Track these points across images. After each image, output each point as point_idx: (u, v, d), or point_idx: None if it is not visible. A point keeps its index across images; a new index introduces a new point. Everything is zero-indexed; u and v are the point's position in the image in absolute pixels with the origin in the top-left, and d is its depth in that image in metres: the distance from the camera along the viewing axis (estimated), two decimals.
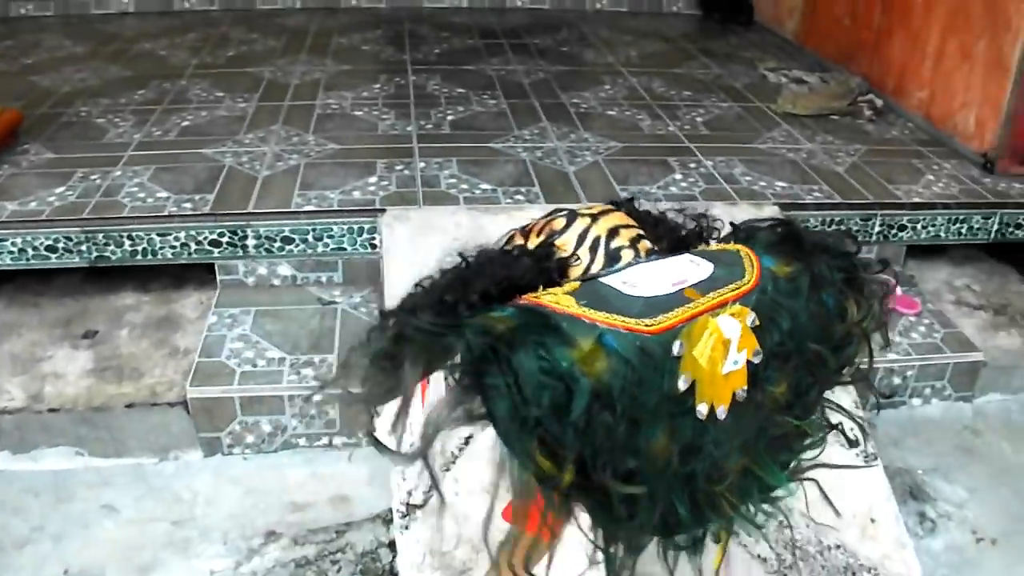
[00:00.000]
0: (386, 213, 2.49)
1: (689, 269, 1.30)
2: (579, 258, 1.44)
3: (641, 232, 1.50)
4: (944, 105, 3.36)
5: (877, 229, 2.87)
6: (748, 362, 1.19)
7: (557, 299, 1.17)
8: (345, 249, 2.51)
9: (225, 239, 2.43)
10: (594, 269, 1.42)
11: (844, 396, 1.71)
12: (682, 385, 1.13)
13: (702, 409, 1.15)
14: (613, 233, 1.46)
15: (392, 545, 1.97)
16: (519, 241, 1.53)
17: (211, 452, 2.18)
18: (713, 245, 1.48)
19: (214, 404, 2.12)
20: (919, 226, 2.91)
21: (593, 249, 1.44)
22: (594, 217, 1.50)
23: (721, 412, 1.17)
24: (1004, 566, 2.04)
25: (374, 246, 2.52)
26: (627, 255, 1.43)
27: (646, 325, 1.13)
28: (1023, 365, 2.62)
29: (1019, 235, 3.00)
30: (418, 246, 2.41)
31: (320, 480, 2.16)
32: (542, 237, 1.48)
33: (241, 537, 1.98)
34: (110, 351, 2.28)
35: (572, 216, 1.50)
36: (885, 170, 3.05)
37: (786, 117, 3.49)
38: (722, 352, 1.15)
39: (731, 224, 1.51)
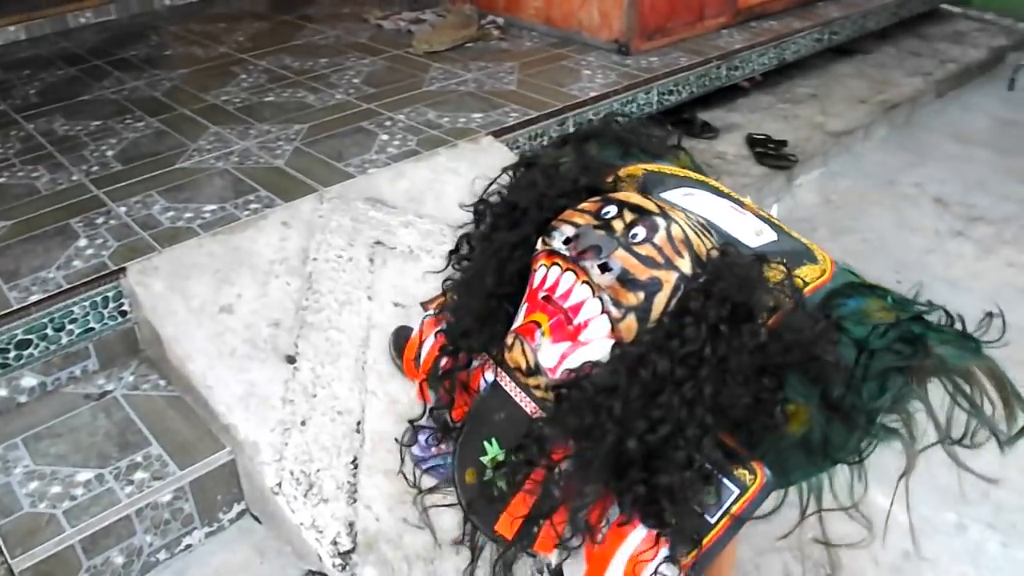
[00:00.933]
0: (128, 271, 2.12)
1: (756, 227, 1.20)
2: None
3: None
4: (563, 7, 3.65)
5: (572, 129, 3.08)
6: None
7: None
8: (94, 329, 2.10)
9: None
10: None
11: None
12: None
13: None
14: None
15: None
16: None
17: None
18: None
19: (53, 564, 1.69)
20: (602, 115, 3.17)
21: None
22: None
23: None
24: None
25: (124, 313, 2.14)
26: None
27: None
28: None
29: (672, 100, 3.42)
30: (184, 291, 2.11)
31: None
32: None
33: None
34: None
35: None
36: (551, 77, 3.25)
37: (431, 56, 3.54)
38: None
39: None
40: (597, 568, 1.05)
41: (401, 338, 2.12)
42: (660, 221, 1.06)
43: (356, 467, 1.90)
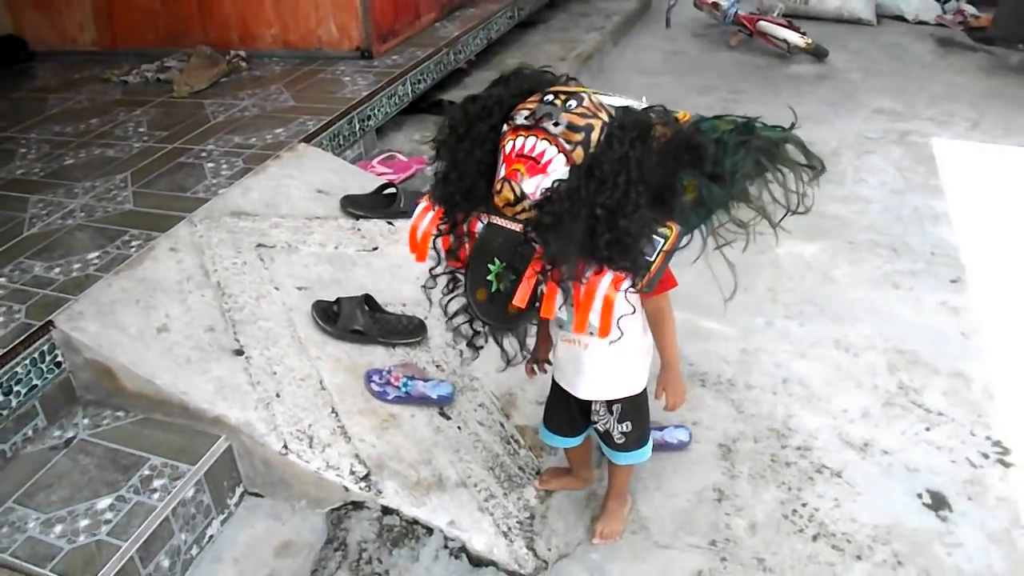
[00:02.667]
0: (56, 322, 2.18)
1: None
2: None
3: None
4: (300, 30, 3.96)
5: (357, 127, 3.43)
6: None
7: None
8: (37, 386, 2.14)
9: None
10: None
11: None
12: None
13: None
14: None
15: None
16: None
17: None
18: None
19: None
20: (378, 111, 3.56)
21: None
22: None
23: None
24: None
25: (59, 364, 2.20)
26: None
27: None
28: None
29: (422, 87, 3.89)
30: (118, 324, 2.22)
31: None
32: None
33: None
34: None
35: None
36: (319, 88, 3.60)
37: (196, 96, 3.70)
38: None
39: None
40: (585, 302, 1.54)
41: (320, 309, 2.40)
42: (583, 94, 1.54)
43: (337, 414, 2.17)
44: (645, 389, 1.89)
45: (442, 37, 4.22)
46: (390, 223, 2.85)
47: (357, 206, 2.86)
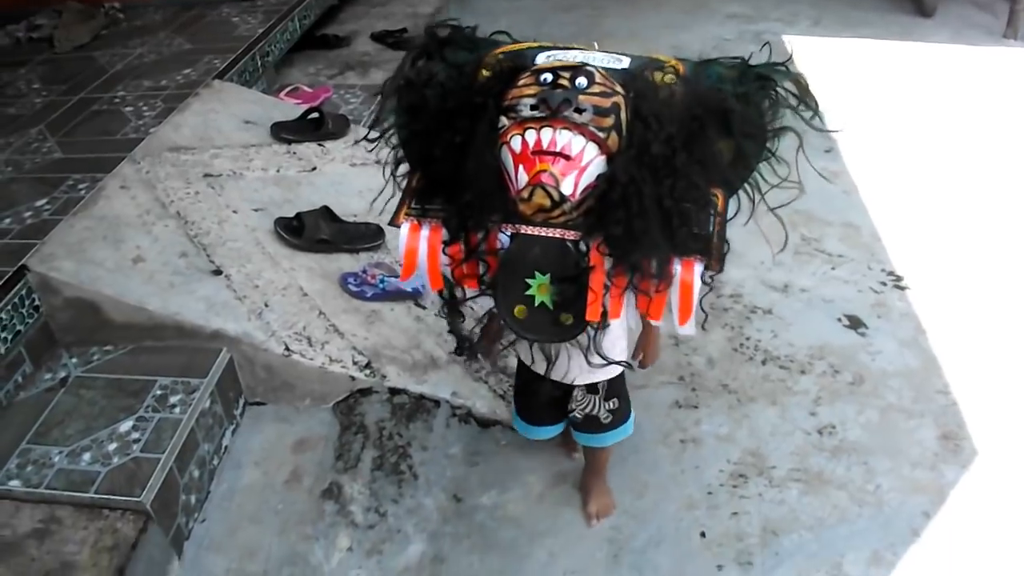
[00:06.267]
0: (29, 264, 2.12)
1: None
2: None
3: None
4: None
5: (259, 63, 3.41)
6: None
7: None
8: (21, 332, 2.08)
9: None
10: None
11: None
12: None
13: None
14: None
15: None
16: None
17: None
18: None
19: (164, 492, 1.82)
20: (274, 47, 3.54)
21: None
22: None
23: None
24: None
25: (37, 308, 2.14)
26: None
27: None
28: None
29: (307, 22, 3.94)
30: (93, 260, 2.18)
31: None
32: None
33: None
34: None
35: None
36: (212, 30, 3.57)
37: (81, 50, 3.52)
38: None
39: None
40: (686, 296, 1.35)
41: (283, 224, 2.42)
42: (588, 68, 1.28)
43: (325, 315, 2.23)
44: None
45: None
46: (321, 145, 2.87)
47: (289, 131, 2.86)
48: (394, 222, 1.45)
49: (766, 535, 1.87)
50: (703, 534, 1.88)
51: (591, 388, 1.72)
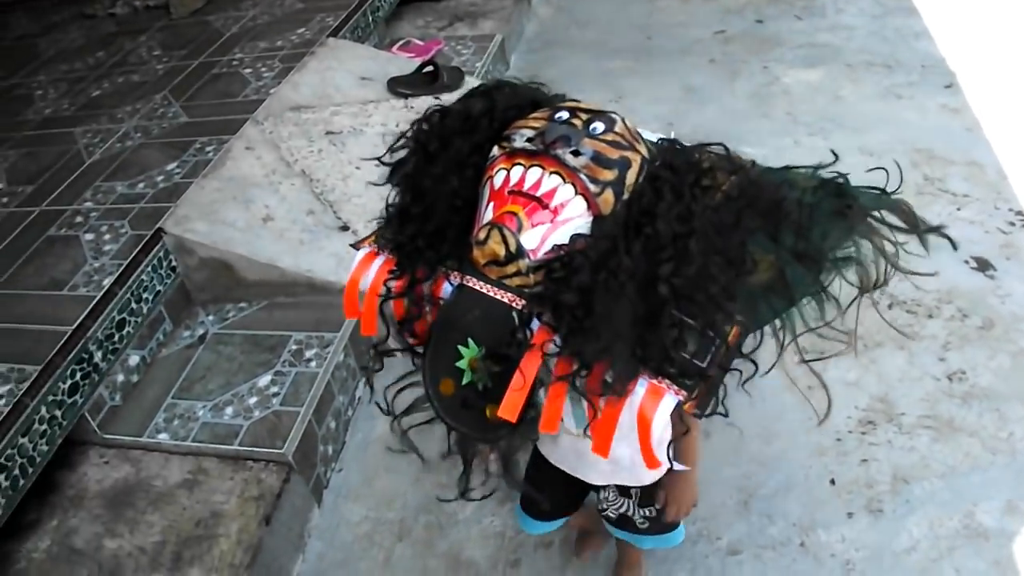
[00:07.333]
0: (165, 227, 2.15)
1: None
2: None
3: None
4: None
5: (371, 18, 3.37)
6: None
7: None
8: (161, 292, 2.12)
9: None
10: None
11: None
12: None
13: None
14: None
15: None
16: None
17: None
18: None
19: (304, 444, 1.84)
20: (384, 2, 3.49)
21: None
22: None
23: None
24: None
25: (174, 269, 2.18)
26: None
27: None
28: None
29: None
30: (224, 220, 2.19)
31: None
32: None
33: None
34: None
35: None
36: None
37: (197, 14, 3.57)
38: None
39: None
40: (607, 421, 0.99)
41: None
42: (614, 116, 1.04)
43: None
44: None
45: None
46: (436, 98, 2.82)
47: (405, 86, 2.82)
48: (356, 245, 1.24)
49: (896, 482, 1.78)
50: (832, 481, 1.81)
51: (622, 490, 1.41)
